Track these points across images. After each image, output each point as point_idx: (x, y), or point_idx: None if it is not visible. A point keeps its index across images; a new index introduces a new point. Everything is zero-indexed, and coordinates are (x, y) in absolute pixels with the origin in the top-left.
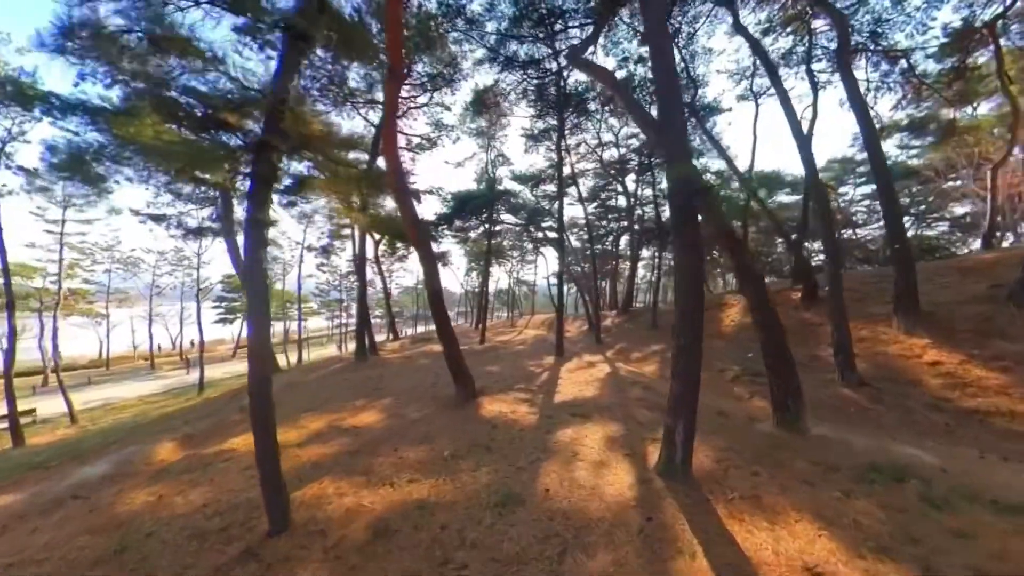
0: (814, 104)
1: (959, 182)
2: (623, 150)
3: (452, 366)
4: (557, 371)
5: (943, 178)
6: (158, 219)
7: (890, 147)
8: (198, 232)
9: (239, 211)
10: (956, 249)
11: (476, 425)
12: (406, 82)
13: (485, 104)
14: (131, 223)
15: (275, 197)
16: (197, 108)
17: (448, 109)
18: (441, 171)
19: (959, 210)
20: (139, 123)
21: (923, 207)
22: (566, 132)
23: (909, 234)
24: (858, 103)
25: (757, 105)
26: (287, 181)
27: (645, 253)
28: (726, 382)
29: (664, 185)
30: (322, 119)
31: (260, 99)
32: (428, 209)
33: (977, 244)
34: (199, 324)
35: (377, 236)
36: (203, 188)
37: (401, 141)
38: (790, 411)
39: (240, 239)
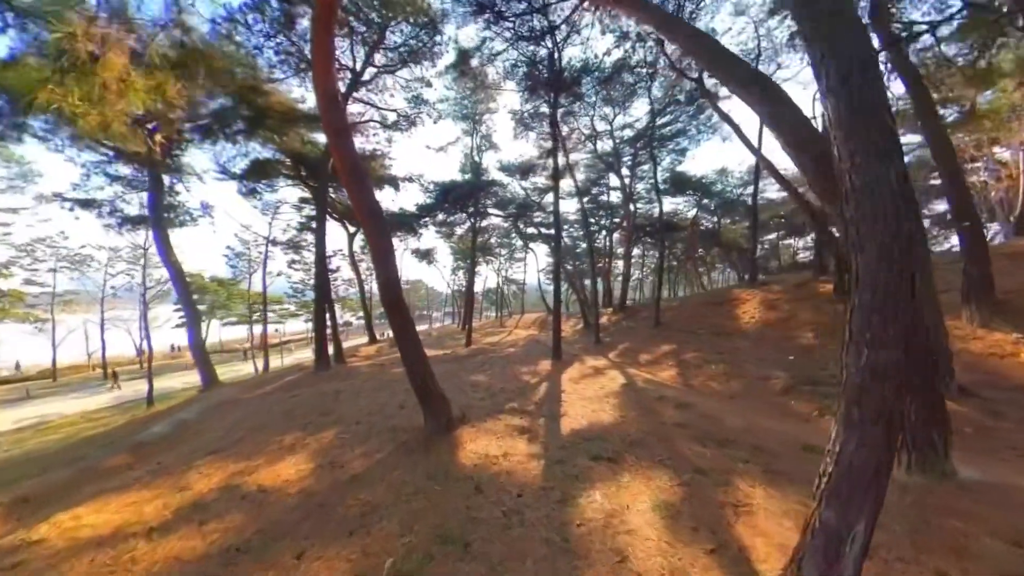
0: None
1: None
2: (616, 141)
3: (419, 388)
4: (558, 380)
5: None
6: (87, 205)
7: None
8: (138, 222)
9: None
10: (938, 245)
11: (449, 487)
12: (381, 47)
13: (468, 65)
14: (80, 216)
15: (235, 185)
16: None
17: (429, 85)
18: (422, 158)
19: (940, 207)
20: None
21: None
22: (559, 118)
23: None
24: (910, 76)
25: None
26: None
27: (635, 251)
28: (775, 394)
29: (662, 179)
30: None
31: None
32: (408, 200)
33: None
34: (145, 329)
35: (352, 227)
36: (136, 168)
37: (374, 117)
38: (934, 449)
39: (185, 231)
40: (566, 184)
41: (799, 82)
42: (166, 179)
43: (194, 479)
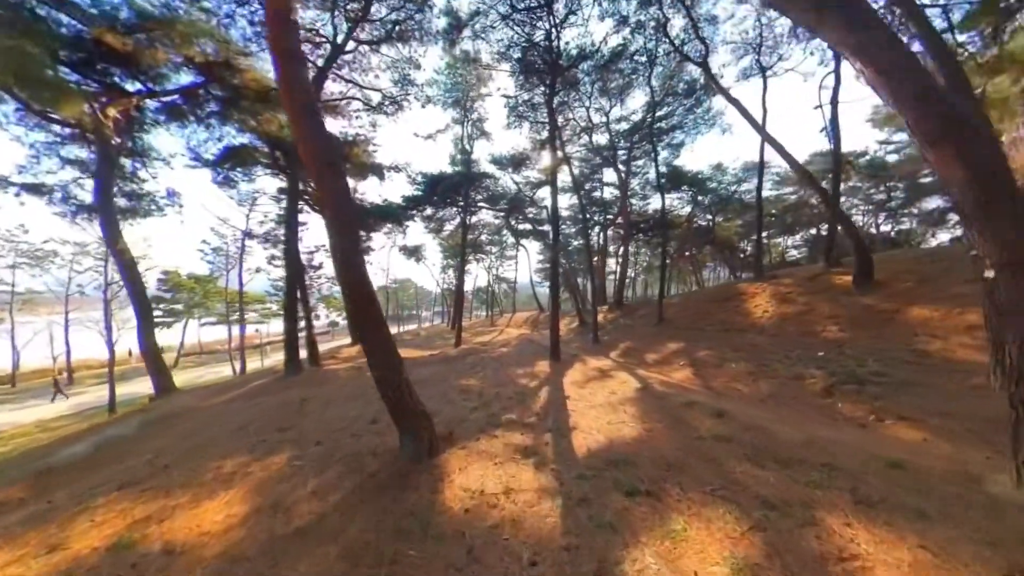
0: (836, 70)
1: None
2: (612, 134)
3: (393, 403)
4: (560, 384)
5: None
6: (35, 190)
7: (871, 142)
8: (95, 211)
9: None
10: (925, 242)
11: (428, 550)
12: (366, 21)
13: (459, 32)
14: (27, 201)
15: (209, 173)
16: None
17: (418, 67)
18: (409, 146)
19: (928, 205)
20: None
21: (898, 202)
22: (555, 106)
23: (875, 230)
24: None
25: (765, 79)
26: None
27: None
28: (814, 395)
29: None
30: None
31: None
32: (394, 191)
33: (943, 237)
34: (108, 330)
35: None
36: (93, 150)
37: (357, 94)
38: None
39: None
40: (560, 178)
41: (800, 73)
42: (128, 164)
43: (79, 530)
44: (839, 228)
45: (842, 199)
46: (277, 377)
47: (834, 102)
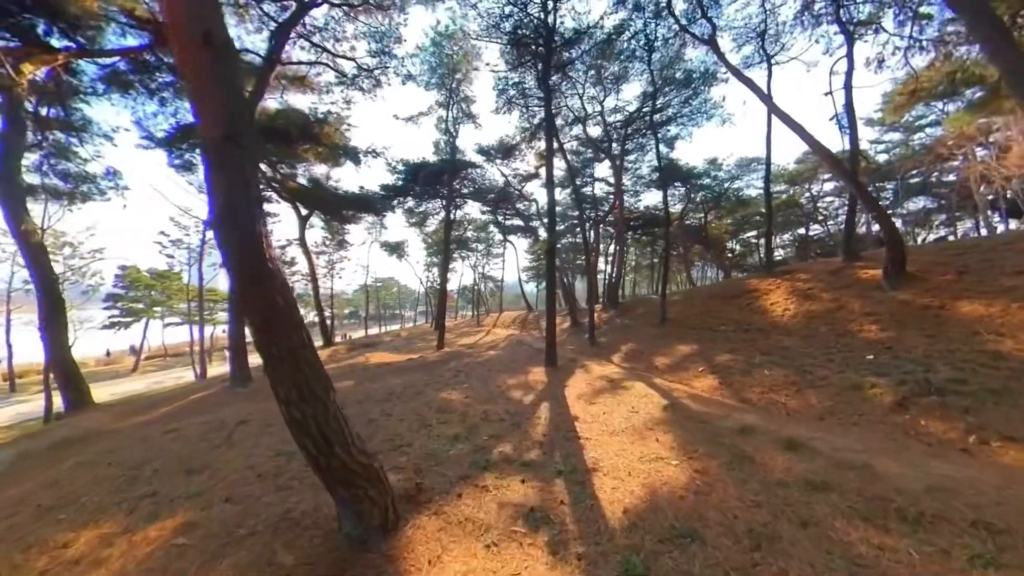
0: (849, 54)
1: (958, 161)
2: (607, 124)
3: (315, 460)
4: (562, 398)
5: (942, 160)
6: None
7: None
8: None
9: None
10: (911, 242)
11: None
12: None
13: None
14: None
15: (164, 156)
16: None
17: (399, 40)
18: (389, 129)
19: (913, 206)
20: None
21: (887, 202)
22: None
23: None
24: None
25: (770, 66)
26: None
27: (614, 247)
28: (885, 410)
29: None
30: None
31: None
32: (373, 181)
33: (929, 237)
34: (7, 328)
35: (304, 210)
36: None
37: (328, 62)
38: None
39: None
40: (552, 171)
41: (804, 62)
42: (62, 138)
43: None
44: (857, 216)
45: (832, 199)
46: (223, 388)
47: (847, 87)
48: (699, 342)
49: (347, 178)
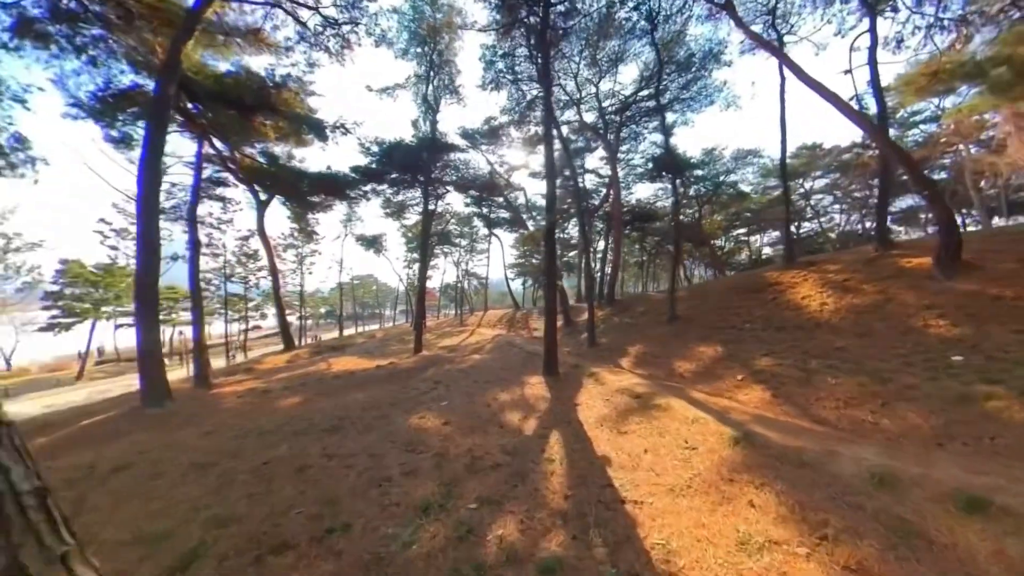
0: (872, 29)
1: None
2: (602, 107)
3: None
4: (577, 425)
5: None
6: None
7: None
8: None
9: None
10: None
11: None
12: None
13: None
14: None
15: (100, 129)
16: None
17: None
18: (363, 109)
19: (900, 204)
20: None
21: (873, 200)
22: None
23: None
24: None
25: (782, 45)
26: None
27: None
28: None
29: (642, 160)
30: None
31: None
32: (342, 160)
33: (915, 235)
34: None
35: (263, 194)
36: None
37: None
38: None
39: None
40: (537, 161)
41: (814, 43)
42: None
43: None
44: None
45: (820, 197)
46: (133, 408)
47: (872, 62)
48: (724, 343)
49: (313, 160)
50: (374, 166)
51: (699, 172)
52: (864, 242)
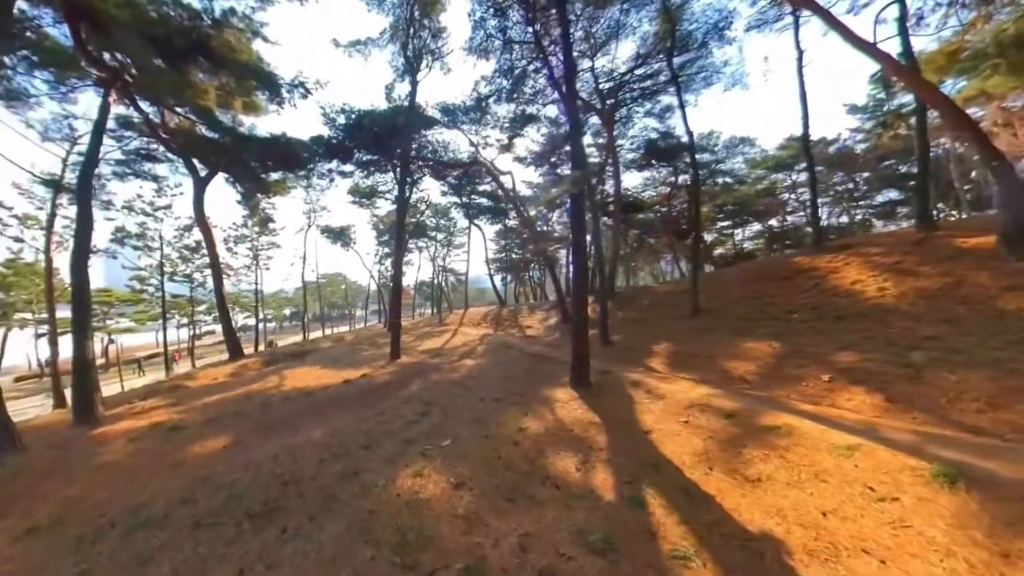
0: None
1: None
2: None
3: None
4: (670, 466)
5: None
6: None
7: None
8: None
9: None
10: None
11: None
12: None
13: None
14: None
15: None
16: None
17: None
18: (328, 69)
19: (881, 197)
20: None
21: (860, 193)
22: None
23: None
24: None
25: (797, 17)
26: None
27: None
28: None
29: (633, 145)
30: None
31: None
32: (300, 130)
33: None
34: None
35: (203, 169)
36: None
37: None
38: None
39: None
40: (524, 145)
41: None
42: None
43: None
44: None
45: (803, 191)
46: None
47: (903, 33)
48: (774, 336)
49: (266, 131)
50: (340, 139)
51: (701, 157)
52: (847, 234)
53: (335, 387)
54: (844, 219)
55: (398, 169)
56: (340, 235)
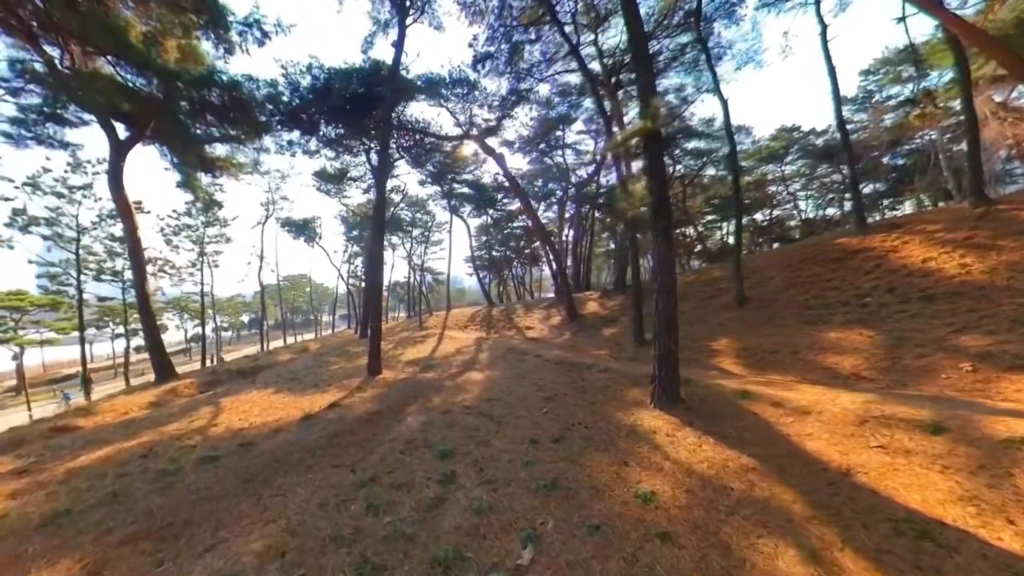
0: None
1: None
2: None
3: None
4: None
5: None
6: None
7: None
8: None
9: None
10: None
11: None
12: None
13: None
14: None
15: None
16: None
17: None
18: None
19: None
20: None
21: (845, 185)
22: None
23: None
24: None
25: None
26: None
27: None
28: None
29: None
30: None
31: None
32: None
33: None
34: None
35: (125, 130)
36: None
37: None
38: None
39: None
40: (514, 128)
41: None
42: None
43: None
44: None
45: (785, 185)
46: None
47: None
48: (858, 323)
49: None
50: (304, 104)
51: (699, 144)
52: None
53: (291, 428)
54: (839, 210)
55: (375, 143)
56: (304, 229)
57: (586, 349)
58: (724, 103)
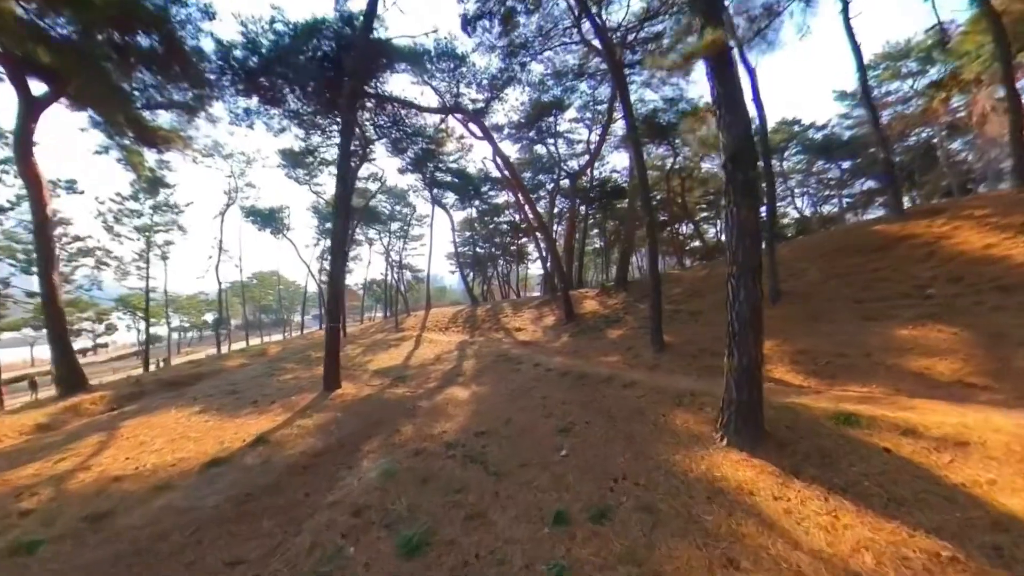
0: None
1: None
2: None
3: None
4: None
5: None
6: None
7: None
8: None
9: None
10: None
11: None
12: None
13: None
14: None
15: None
16: None
17: None
18: None
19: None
20: None
21: (840, 182)
22: None
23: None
24: None
25: None
26: None
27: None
28: None
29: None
30: None
31: None
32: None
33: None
34: None
35: (41, 86)
36: None
37: None
38: None
39: None
40: (502, 112)
41: None
42: None
43: None
44: None
45: (784, 180)
46: None
47: None
48: (928, 319)
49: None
50: (262, 59)
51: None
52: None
53: (187, 482)
54: (838, 207)
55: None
56: (270, 219)
57: (592, 355)
58: (751, 72)
